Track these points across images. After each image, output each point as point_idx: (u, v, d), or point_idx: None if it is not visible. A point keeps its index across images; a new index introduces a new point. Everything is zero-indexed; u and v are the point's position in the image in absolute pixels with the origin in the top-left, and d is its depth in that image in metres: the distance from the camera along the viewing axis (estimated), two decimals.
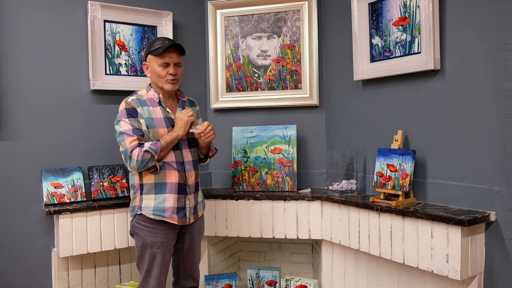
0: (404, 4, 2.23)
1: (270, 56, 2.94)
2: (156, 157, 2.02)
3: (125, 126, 2.04)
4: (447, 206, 2.06)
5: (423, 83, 2.19)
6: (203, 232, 2.36)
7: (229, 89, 3.01)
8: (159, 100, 2.16)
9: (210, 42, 3.01)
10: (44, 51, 2.47)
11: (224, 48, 3.01)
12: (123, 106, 2.09)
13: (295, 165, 2.75)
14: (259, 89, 2.97)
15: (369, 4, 2.43)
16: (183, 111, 2.16)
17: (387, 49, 2.35)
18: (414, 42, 2.19)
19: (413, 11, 2.19)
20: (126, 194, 2.62)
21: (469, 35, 1.96)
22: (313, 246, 2.96)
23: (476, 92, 1.94)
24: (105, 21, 2.61)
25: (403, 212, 2.03)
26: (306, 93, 2.88)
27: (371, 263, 2.44)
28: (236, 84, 3.00)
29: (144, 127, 2.07)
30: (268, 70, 2.95)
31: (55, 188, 2.44)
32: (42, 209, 2.43)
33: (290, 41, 2.90)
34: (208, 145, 2.28)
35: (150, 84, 2.20)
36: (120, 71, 2.69)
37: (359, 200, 2.31)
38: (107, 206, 2.44)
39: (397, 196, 2.20)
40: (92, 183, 2.55)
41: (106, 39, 2.63)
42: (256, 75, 2.97)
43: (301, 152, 2.91)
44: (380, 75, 2.38)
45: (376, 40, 2.41)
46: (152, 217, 2.07)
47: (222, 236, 2.81)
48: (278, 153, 2.79)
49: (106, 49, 2.63)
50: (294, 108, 2.93)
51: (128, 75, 2.71)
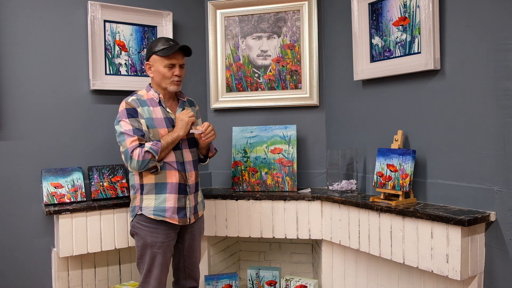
0: (404, 4, 2.23)
1: (270, 56, 2.94)
2: (156, 157, 2.02)
3: (125, 126, 2.03)
4: (447, 206, 2.06)
5: (423, 83, 2.19)
6: (203, 232, 2.36)
7: (229, 89, 3.01)
8: (159, 100, 2.15)
9: (210, 42, 3.01)
10: (44, 51, 2.47)
11: (224, 48, 3.01)
12: (123, 106, 2.08)
13: (295, 165, 2.75)
14: (259, 89, 2.97)
15: (369, 4, 2.43)
16: (184, 111, 2.15)
17: (387, 49, 2.35)
18: (414, 42, 2.19)
19: (413, 11, 2.19)
20: (126, 194, 2.62)
21: (469, 35, 1.96)
22: (313, 246, 2.96)
23: (476, 92, 1.94)
24: (105, 21, 2.61)
25: (403, 212, 2.03)
26: (306, 93, 2.88)
27: (371, 263, 2.44)
28: (236, 84, 3.00)
29: (145, 127, 2.06)
30: (268, 70, 2.95)
31: (55, 188, 2.44)
32: (42, 209, 2.43)
33: (290, 41, 2.90)
34: (208, 146, 2.28)
35: (150, 84, 2.20)
36: (120, 71, 2.69)
37: (359, 200, 2.31)
38: (107, 206, 2.44)
39: (397, 196, 2.20)
40: (92, 183, 2.55)
41: (106, 39, 2.63)
42: (256, 75, 2.97)
43: (301, 152, 2.91)
44: (380, 75, 2.38)
45: (376, 40, 2.41)
46: (152, 217, 2.07)
47: (222, 236, 2.81)
48: (278, 153, 2.79)
49: (106, 49, 2.63)
50: (294, 108, 2.93)
51: (128, 75, 2.71)
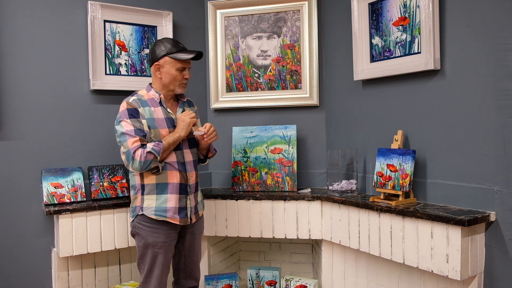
0: (404, 4, 2.23)
1: (270, 56, 2.94)
2: (158, 158, 2.01)
3: (126, 126, 2.02)
4: (447, 206, 2.06)
5: (423, 83, 2.19)
6: (203, 231, 2.36)
7: (229, 89, 3.01)
8: (160, 100, 2.15)
9: (210, 42, 3.01)
10: (44, 51, 2.47)
11: (224, 48, 3.01)
12: (124, 106, 2.07)
13: (295, 165, 2.75)
14: (259, 89, 2.97)
15: (369, 4, 2.43)
16: (185, 112, 2.15)
17: (387, 49, 2.35)
18: (414, 42, 2.19)
19: (413, 11, 2.18)
20: (126, 194, 2.62)
21: (469, 35, 1.96)
22: (313, 246, 2.96)
23: (476, 92, 1.94)
24: (105, 21, 2.61)
25: (403, 212, 2.03)
26: (306, 93, 2.88)
27: (371, 263, 2.44)
28: (236, 84, 3.00)
29: (146, 127, 2.06)
30: (268, 70, 2.95)
31: (55, 188, 2.44)
32: (42, 209, 2.43)
33: (290, 41, 2.90)
34: (209, 146, 2.28)
35: (150, 84, 2.19)
36: (120, 71, 2.68)
37: (359, 200, 2.31)
38: (107, 206, 2.44)
39: (397, 196, 2.20)
40: (92, 183, 2.55)
41: (106, 39, 2.63)
42: (256, 75, 2.97)
43: (301, 152, 2.91)
44: (380, 75, 2.38)
45: (376, 40, 2.41)
46: (154, 217, 2.07)
47: (222, 236, 2.81)
48: (278, 153, 2.79)
49: (106, 49, 2.63)
50: (294, 108, 2.93)
51: (128, 75, 2.71)
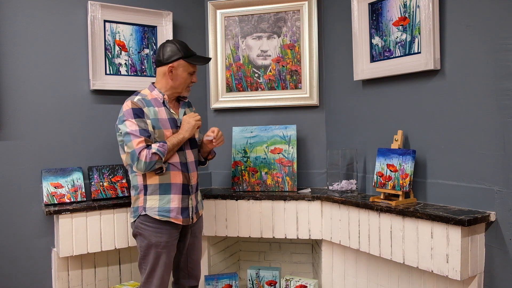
0: (404, 4, 2.23)
1: (270, 56, 2.94)
2: (163, 159, 2.02)
3: (131, 126, 2.01)
4: (447, 206, 2.06)
5: (423, 83, 2.19)
6: (202, 230, 2.38)
7: (229, 89, 3.01)
8: (164, 100, 2.15)
9: (210, 42, 3.01)
10: (44, 51, 2.47)
11: (224, 48, 3.01)
12: (129, 105, 2.05)
13: (295, 165, 2.75)
14: (259, 89, 2.97)
15: (369, 4, 2.43)
16: (191, 114, 2.17)
17: (387, 49, 2.35)
18: (414, 42, 2.19)
19: (413, 11, 2.18)
20: (126, 194, 2.62)
21: (469, 35, 1.96)
22: (313, 246, 2.96)
23: (476, 92, 1.94)
24: (105, 21, 2.61)
25: (403, 212, 2.03)
26: (306, 93, 2.88)
27: (371, 263, 2.44)
28: (236, 84, 3.00)
29: (150, 127, 2.06)
30: (268, 70, 2.95)
31: (55, 188, 2.44)
32: (42, 209, 2.43)
33: (290, 41, 2.90)
34: (210, 149, 2.32)
35: (153, 84, 2.19)
36: (120, 71, 2.68)
37: (359, 200, 2.31)
38: (107, 206, 2.44)
39: (397, 196, 2.19)
40: (92, 183, 2.55)
41: (106, 39, 2.63)
42: (256, 75, 2.97)
43: (301, 152, 2.91)
44: (380, 75, 2.38)
45: (376, 40, 2.41)
46: (157, 217, 2.07)
47: (222, 236, 2.81)
48: (278, 153, 2.79)
49: (106, 49, 2.63)
50: (294, 108, 2.93)
51: (128, 75, 2.71)
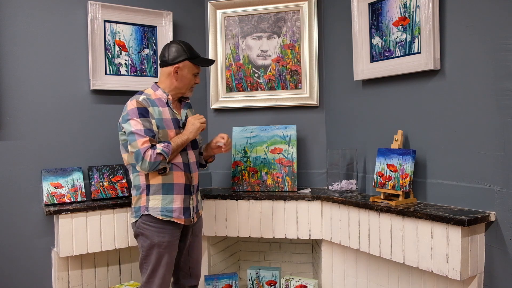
0: (404, 4, 2.23)
1: (270, 56, 2.94)
2: (167, 159, 2.03)
3: (136, 126, 2.00)
4: (447, 206, 2.06)
5: (423, 83, 2.19)
6: (202, 230, 2.38)
7: (229, 89, 3.01)
8: (167, 101, 2.15)
9: (210, 42, 3.01)
10: (44, 51, 2.47)
11: (224, 48, 3.01)
12: (134, 105, 2.04)
13: (295, 165, 2.75)
14: (259, 89, 2.97)
15: (369, 4, 2.43)
16: (196, 116, 2.18)
17: (387, 49, 2.35)
18: (414, 42, 2.19)
19: (413, 11, 2.18)
20: (126, 194, 2.62)
21: (469, 35, 1.96)
22: (313, 246, 2.96)
23: (476, 92, 1.94)
24: (105, 21, 2.61)
25: (403, 212, 2.03)
26: (306, 93, 2.88)
27: (371, 263, 2.44)
28: (236, 84, 3.00)
29: (155, 127, 2.06)
30: (268, 70, 2.95)
31: (55, 188, 2.44)
32: (42, 209, 2.43)
33: (290, 41, 2.90)
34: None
35: (156, 84, 2.18)
36: (120, 71, 2.68)
37: (359, 200, 2.31)
38: (107, 206, 2.44)
39: (397, 196, 2.19)
40: (92, 183, 2.55)
41: (106, 39, 2.63)
42: (256, 75, 2.97)
43: (301, 152, 2.91)
44: (380, 75, 2.38)
45: (376, 40, 2.41)
46: (160, 217, 2.07)
47: (222, 236, 2.81)
48: (278, 153, 2.79)
49: (106, 49, 2.63)
50: (294, 108, 2.93)
51: (128, 75, 2.71)
